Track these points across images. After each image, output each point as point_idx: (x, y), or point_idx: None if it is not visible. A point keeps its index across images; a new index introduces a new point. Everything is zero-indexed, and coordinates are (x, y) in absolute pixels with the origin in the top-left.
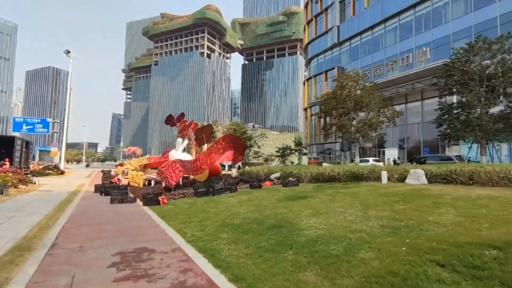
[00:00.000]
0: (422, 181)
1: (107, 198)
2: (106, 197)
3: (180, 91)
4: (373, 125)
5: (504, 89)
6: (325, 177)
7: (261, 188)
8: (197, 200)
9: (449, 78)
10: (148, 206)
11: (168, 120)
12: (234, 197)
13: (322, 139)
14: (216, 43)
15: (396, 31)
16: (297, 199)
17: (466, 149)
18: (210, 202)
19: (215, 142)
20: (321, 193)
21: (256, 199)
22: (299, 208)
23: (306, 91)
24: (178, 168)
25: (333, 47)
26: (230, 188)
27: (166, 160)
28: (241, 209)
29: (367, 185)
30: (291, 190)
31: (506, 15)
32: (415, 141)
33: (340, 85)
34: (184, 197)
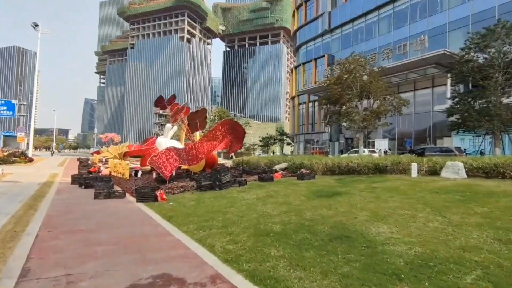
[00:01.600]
0: (462, 175)
1: (88, 191)
2: (88, 191)
3: (158, 77)
4: (382, 113)
5: None
6: (342, 169)
7: (273, 180)
8: (202, 195)
9: (466, 64)
10: (144, 203)
11: (158, 102)
12: (247, 192)
13: (311, 128)
14: (197, 27)
15: (390, 19)
16: (332, 196)
17: (458, 141)
18: (221, 199)
19: (213, 129)
20: (353, 188)
21: (278, 195)
22: (346, 208)
23: (294, 79)
24: (173, 157)
25: (323, 34)
26: (239, 181)
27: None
28: (267, 208)
29: (398, 179)
30: (311, 184)
31: (505, 5)
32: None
33: (346, 69)
34: (184, 192)
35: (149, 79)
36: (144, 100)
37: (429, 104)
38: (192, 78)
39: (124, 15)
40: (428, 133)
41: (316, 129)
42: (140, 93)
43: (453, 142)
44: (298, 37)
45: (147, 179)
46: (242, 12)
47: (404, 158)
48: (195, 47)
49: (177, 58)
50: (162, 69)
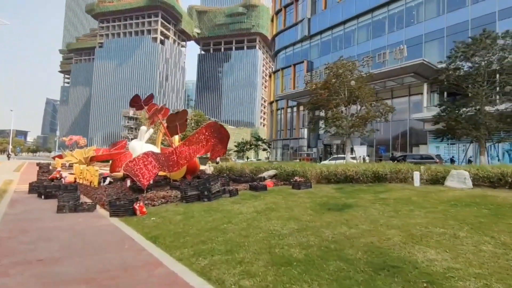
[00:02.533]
0: (468, 185)
1: (50, 203)
2: (49, 202)
3: (128, 78)
4: (370, 119)
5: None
6: (339, 177)
7: (266, 190)
8: (189, 208)
9: (453, 72)
10: (119, 218)
11: (134, 101)
12: (241, 203)
13: (289, 134)
14: (171, 29)
15: (369, 28)
16: (343, 209)
17: (434, 148)
18: (214, 212)
19: (196, 132)
20: (360, 199)
21: (280, 208)
22: (368, 225)
23: (272, 84)
24: (151, 163)
25: (303, 40)
26: (230, 191)
27: (120, 152)
28: (273, 225)
29: (402, 188)
30: (311, 193)
31: (477, 19)
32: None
33: (334, 73)
34: (167, 203)
35: (118, 80)
36: (113, 101)
37: (406, 112)
38: (165, 80)
39: (93, 13)
40: (405, 141)
41: (294, 135)
42: (108, 94)
43: (429, 150)
44: (277, 42)
45: (120, 187)
46: (218, 16)
47: (404, 166)
48: (169, 48)
49: (150, 59)
50: (133, 70)
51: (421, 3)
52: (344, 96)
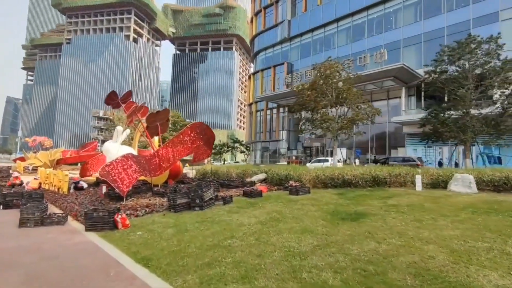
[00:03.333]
0: (474, 189)
1: (10, 215)
2: (9, 214)
3: (98, 76)
4: (359, 120)
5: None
6: (336, 181)
7: (262, 196)
8: (179, 218)
9: (441, 75)
10: (97, 233)
11: (110, 99)
12: (240, 212)
13: (268, 136)
14: (145, 27)
15: (349, 31)
16: (358, 219)
17: (411, 151)
18: (210, 224)
19: (180, 133)
20: (370, 206)
21: (286, 218)
22: (397, 239)
23: (252, 85)
24: (131, 167)
25: (282, 41)
26: (223, 198)
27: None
28: (286, 239)
29: (406, 193)
30: (313, 200)
31: (452, 26)
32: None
33: (322, 74)
34: (152, 213)
35: (87, 78)
36: (81, 101)
37: (385, 115)
38: (138, 79)
39: (60, 7)
40: (383, 143)
41: (274, 137)
42: (76, 93)
43: (407, 152)
44: (257, 43)
45: (94, 194)
46: (194, 16)
47: (402, 170)
48: (142, 47)
49: (122, 58)
50: (104, 68)
51: (399, 9)
52: (332, 98)
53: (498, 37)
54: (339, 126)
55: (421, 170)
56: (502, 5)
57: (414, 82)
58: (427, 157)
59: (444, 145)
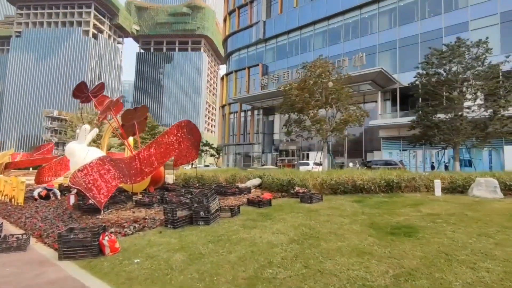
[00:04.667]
0: (499, 194)
1: None
2: None
3: (53, 74)
4: (351, 122)
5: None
6: (346, 186)
7: (271, 205)
8: (182, 236)
9: (432, 77)
10: (76, 262)
11: (78, 91)
12: (257, 227)
13: (242, 139)
14: (106, 23)
15: (325, 35)
16: (410, 233)
17: (387, 154)
18: (229, 245)
19: (165, 133)
20: (406, 216)
21: (322, 234)
22: (497, 264)
23: (225, 87)
24: (109, 172)
25: (257, 42)
26: (231, 209)
27: (47, 157)
28: (349, 267)
29: (430, 200)
30: (334, 209)
31: (425, 33)
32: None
33: (313, 73)
34: (143, 229)
35: (40, 75)
36: (32, 99)
37: None
38: (98, 78)
39: None
40: (359, 147)
41: (248, 140)
42: (26, 90)
43: (383, 156)
44: (230, 43)
45: (59, 206)
46: (160, 14)
47: (416, 174)
48: (103, 44)
49: (80, 54)
50: (59, 65)
51: (375, 15)
52: (323, 98)
53: (487, 42)
54: (331, 127)
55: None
56: (471, 16)
57: (390, 87)
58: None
59: (419, 149)
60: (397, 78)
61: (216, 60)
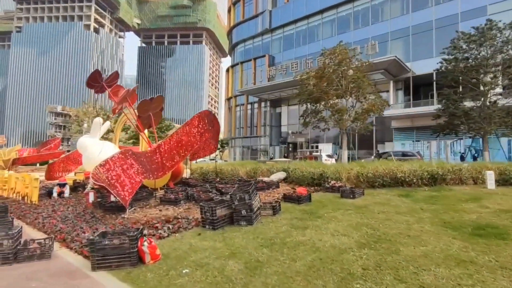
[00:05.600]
0: None
1: None
2: None
3: (55, 69)
4: (374, 111)
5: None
6: (386, 179)
7: (311, 201)
8: (226, 239)
9: (461, 62)
10: (112, 272)
11: (92, 80)
12: (310, 228)
13: (249, 132)
14: (107, 17)
15: (334, 23)
16: (500, 235)
17: (399, 146)
18: (288, 249)
19: (186, 124)
20: (476, 213)
21: (395, 237)
22: None
23: (230, 79)
24: (133, 167)
25: (263, 33)
26: (273, 207)
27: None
28: (458, 282)
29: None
30: (385, 205)
31: (441, 19)
32: None
33: (332, 60)
34: (178, 230)
35: (42, 71)
36: (35, 95)
37: None
38: None
39: None
40: (370, 138)
41: (255, 133)
42: (29, 86)
43: (395, 147)
44: (235, 34)
45: (77, 204)
46: (161, 7)
47: (463, 165)
48: (104, 38)
49: (81, 49)
50: (61, 60)
51: (386, 1)
52: (343, 87)
53: None
54: (352, 117)
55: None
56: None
57: (402, 76)
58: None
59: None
60: (410, 66)
61: (218, 53)
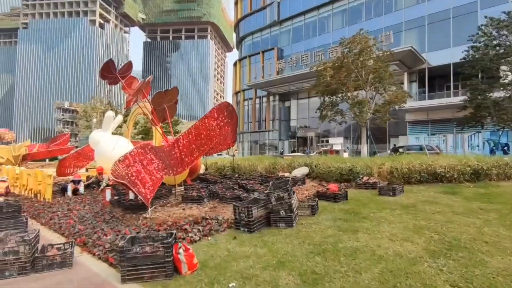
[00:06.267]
0: None
1: None
2: None
3: (61, 65)
4: (396, 103)
5: None
6: (423, 175)
7: (347, 199)
8: (268, 243)
9: (491, 50)
10: (143, 283)
11: (106, 71)
12: (362, 231)
13: (257, 126)
14: (112, 12)
15: (345, 14)
16: None
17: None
18: (345, 258)
19: (205, 117)
20: None
21: (464, 243)
22: None
23: (238, 73)
24: (153, 162)
25: (271, 25)
26: (311, 206)
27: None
28: None
29: None
30: (436, 204)
31: (458, 8)
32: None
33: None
34: (210, 233)
35: (49, 67)
36: (43, 91)
37: None
38: None
39: None
40: (382, 132)
41: (264, 127)
42: (37, 82)
43: (409, 141)
44: (242, 27)
45: (92, 202)
46: (166, 2)
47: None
48: (110, 33)
49: (87, 44)
50: (67, 56)
51: None
52: (363, 78)
53: None
54: (373, 109)
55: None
56: None
57: (417, 67)
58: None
59: (449, 132)
60: (426, 57)
61: (223, 48)
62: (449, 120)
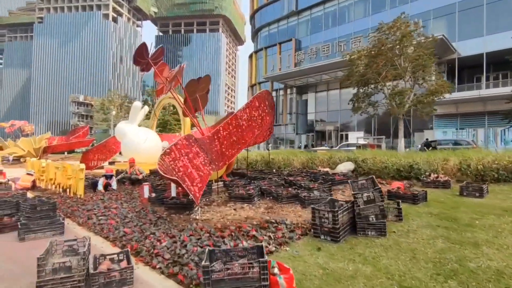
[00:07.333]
0: None
1: None
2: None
3: (76, 59)
4: (440, 93)
5: None
6: (502, 173)
7: (427, 200)
8: (368, 259)
9: None
10: None
11: (139, 56)
12: (483, 243)
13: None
14: (125, 5)
15: (367, 2)
16: None
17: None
18: (487, 283)
19: (246, 106)
20: None
21: None
22: None
23: (254, 65)
24: (199, 156)
25: (289, 15)
26: (398, 210)
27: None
28: None
29: None
30: None
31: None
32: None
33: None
34: (284, 244)
35: (64, 61)
36: (58, 84)
37: None
38: (119, 62)
39: None
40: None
41: (280, 121)
42: (52, 76)
43: (435, 135)
44: (258, 18)
45: (127, 198)
46: None
47: None
48: (123, 27)
49: (101, 38)
50: (81, 49)
51: None
52: (403, 66)
53: None
54: (415, 101)
55: None
56: None
57: (446, 57)
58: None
59: (480, 127)
60: (456, 47)
61: (234, 41)
62: (480, 114)
